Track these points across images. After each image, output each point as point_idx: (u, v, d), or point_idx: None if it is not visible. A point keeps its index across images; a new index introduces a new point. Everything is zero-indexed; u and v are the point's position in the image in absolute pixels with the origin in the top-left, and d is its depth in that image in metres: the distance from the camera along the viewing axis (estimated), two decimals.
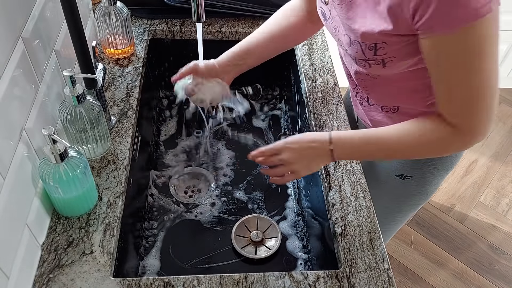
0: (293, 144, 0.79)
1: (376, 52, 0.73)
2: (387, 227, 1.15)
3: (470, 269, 1.81)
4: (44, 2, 0.81)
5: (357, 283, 0.76)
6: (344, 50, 0.81)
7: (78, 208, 0.79)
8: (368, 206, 0.86)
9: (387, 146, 0.77)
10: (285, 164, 0.79)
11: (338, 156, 0.78)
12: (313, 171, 0.81)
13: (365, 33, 0.72)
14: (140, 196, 1.00)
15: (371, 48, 0.72)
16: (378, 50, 0.72)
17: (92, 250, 0.76)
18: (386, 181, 1.01)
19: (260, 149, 0.81)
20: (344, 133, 0.80)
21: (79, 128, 0.82)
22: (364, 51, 0.74)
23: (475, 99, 0.68)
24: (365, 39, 0.72)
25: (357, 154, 0.81)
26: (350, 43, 0.76)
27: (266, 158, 0.81)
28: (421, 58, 0.71)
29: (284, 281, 0.75)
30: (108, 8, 1.01)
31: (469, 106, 0.68)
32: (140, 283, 0.73)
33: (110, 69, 1.07)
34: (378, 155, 0.83)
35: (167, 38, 1.22)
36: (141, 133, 1.03)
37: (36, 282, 0.72)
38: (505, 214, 2.01)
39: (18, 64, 0.69)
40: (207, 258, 0.99)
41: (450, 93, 0.69)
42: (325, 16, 0.83)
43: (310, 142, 0.78)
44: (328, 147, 0.77)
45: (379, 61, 0.74)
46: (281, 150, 0.79)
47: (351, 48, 0.76)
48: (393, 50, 0.71)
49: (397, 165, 0.98)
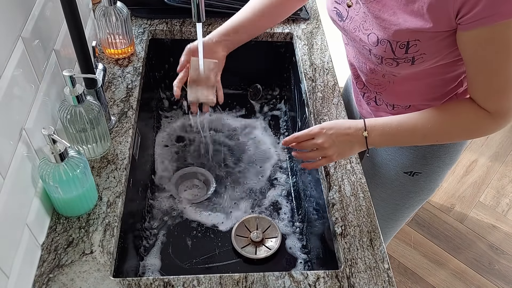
0: (329, 129, 0.79)
1: (408, 50, 0.73)
2: (394, 223, 1.16)
3: (470, 269, 1.81)
4: (44, 2, 0.81)
5: (357, 283, 0.76)
6: (367, 50, 0.80)
7: (78, 208, 0.79)
8: (368, 206, 0.86)
9: (422, 132, 0.77)
10: (319, 148, 0.79)
11: (372, 143, 0.79)
12: (345, 157, 0.83)
13: (398, 31, 0.72)
14: (140, 196, 1.00)
15: (403, 46, 0.73)
16: (410, 48, 0.73)
17: (92, 250, 0.76)
18: (396, 178, 1.02)
19: (295, 134, 0.81)
20: (378, 120, 0.79)
21: (79, 128, 0.82)
22: (394, 50, 0.74)
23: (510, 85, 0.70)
24: (398, 37, 0.73)
25: (391, 141, 0.82)
26: (378, 42, 0.76)
27: (301, 143, 0.81)
28: (448, 53, 0.73)
29: (284, 281, 0.75)
30: (108, 8, 1.01)
31: (505, 92, 0.71)
32: (140, 283, 0.73)
33: (110, 69, 1.07)
34: (412, 141, 0.83)
35: (167, 38, 1.22)
36: (141, 133, 1.02)
37: (36, 282, 0.72)
38: (505, 214, 2.01)
39: (18, 64, 0.69)
40: (207, 258, 0.99)
41: (488, 81, 0.71)
42: (342, 17, 0.83)
43: (346, 128, 0.78)
44: (362, 134, 0.78)
45: (409, 59, 0.75)
46: (316, 135, 0.79)
47: (379, 47, 0.76)
48: (425, 47, 0.72)
49: (405, 162, 0.98)
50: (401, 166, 0.99)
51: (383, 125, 0.78)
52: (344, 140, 0.78)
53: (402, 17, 0.71)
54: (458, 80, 0.84)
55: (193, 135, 1.24)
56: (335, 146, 0.78)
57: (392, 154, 1.00)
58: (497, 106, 0.73)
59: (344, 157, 0.82)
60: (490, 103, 0.73)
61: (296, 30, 1.23)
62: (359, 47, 0.83)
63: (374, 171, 1.05)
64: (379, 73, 0.85)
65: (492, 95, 0.73)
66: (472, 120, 0.76)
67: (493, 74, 0.70)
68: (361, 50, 0.83)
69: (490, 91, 0.72)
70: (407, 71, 0.79)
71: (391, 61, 0.76)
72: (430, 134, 0.78)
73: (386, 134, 0.78)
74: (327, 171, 0.91)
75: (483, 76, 0.71)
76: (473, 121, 0.76)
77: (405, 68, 0.77)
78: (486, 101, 0.73)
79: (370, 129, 0.78)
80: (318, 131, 0.79)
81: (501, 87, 0.71)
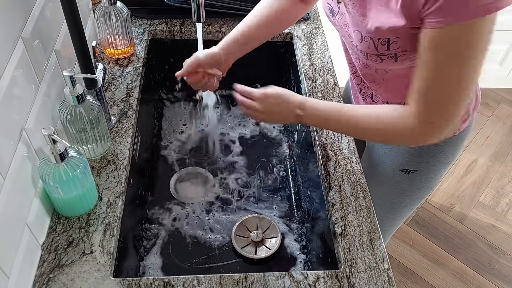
0: (270, 98, 0.84)
1: (389, 47, 0.74)
2: (392, 222, 1.16)
3: (469, 268, 1.81)
4: (44, 2, 0.81)
5: (357, 283, 0.76)
6: (354, 46, 0.82)
7: (78, 208, 0.79)
8: (368, 206, 0.86)
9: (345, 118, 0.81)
10: (255, 110, 0.85)
11: (305, 122, 0.85)
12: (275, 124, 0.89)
13: (378, 29, 0.73)
14: (140, 196, 1.00)
15: (384, 43, 0.74)
16: (391, 44, 0.73)
17: (92, 250, 0.76)
18: (392, 176, 1.02)
19: (244, 88, 0.86)
20: (317, 103, 0.83)
21: (79, 128, 0.82)
22: (376, 46, 0.75)
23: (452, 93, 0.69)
24: (378, 35, 0.74)
25: (322, 125, 0.88)
26: (362, 38, 0.77)
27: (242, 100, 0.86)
28: None
29: (284, 281, 0.75)
30: (108, 8, 1.01)
31: (443, 98, 0.70)
32: (140, 283, 0.73)
33: (110, 69, 1.07)
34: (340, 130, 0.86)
35: (167, 38, 1.22)
36: (141, 133, 1.03)
37: (36, 282, 0.72)
38: (505, 214, 2.01)
39: (18, 64, 0.69)
40: (207, 258, 0.99)
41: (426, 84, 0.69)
42: (333, 12, 0.85)
43: (286, 102, 0.83)
44: (298, 112, 0.83)
45: (392, 55, 0.75)
46: (257, 99, 0.84)
47: (363, 43, 0.78)
48: (406, 44, 0.72)
49: (401, 160, 0.98)
50: (397, 163, 1.00)
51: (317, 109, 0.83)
52: (279, 111, 0.84)
53: (382, 14, 0.72)
54: None
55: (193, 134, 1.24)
56: (268, 113, 0.85)
57: (389, 151, 1.01)
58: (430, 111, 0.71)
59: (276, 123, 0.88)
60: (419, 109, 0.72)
61: (296, 30, 1.24)
62: (348, 43, 0.85)
63: (371, 169, 1.05)
64: (372, 68, 0.85)
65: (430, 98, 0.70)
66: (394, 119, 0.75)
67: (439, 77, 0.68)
68: (351, 46, 0.85)
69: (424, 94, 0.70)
70: (394, 67, 0.79)
71: (375, 57, 0.78)
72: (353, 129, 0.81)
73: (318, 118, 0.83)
74: (327, 171, 0.91)
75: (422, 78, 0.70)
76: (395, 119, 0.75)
77: (389, 64, 0.78)
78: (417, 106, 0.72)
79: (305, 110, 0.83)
80: (259, 97, 0.84)
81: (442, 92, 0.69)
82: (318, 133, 0.98)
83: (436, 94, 0.70)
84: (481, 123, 2.38)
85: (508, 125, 2.39)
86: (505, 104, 2.50)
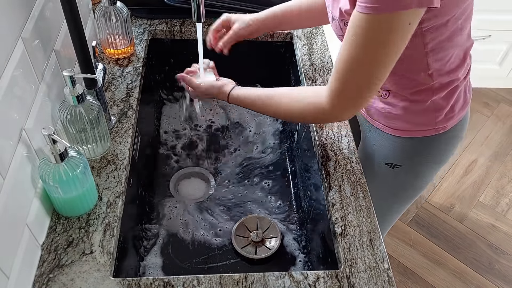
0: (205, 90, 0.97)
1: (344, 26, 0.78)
2: (383, 218, 1.16)
3: (469, 268, 1.81)
4: (44, 2, 0.81)
5: (357, 283, 0.76)
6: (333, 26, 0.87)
7: (78, 208, 0.79)
8: (368, 206, 0.86)
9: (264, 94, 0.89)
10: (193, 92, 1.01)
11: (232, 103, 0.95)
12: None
13: (339, 11, 0.78)
14: (140, 195, 1.00)
15: (346, 24, 0.76)
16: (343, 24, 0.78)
17: (92, 250, 0.76)
18: (378, 170, 1.02)
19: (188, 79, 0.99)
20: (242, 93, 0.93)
21: (79, 128, 0.82)
22: (341, 27, 0.80)
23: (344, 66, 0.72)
24: (341, 16, 0.78)
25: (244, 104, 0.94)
26: (332, 19, 0.83)
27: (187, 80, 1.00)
28: None
29: (284, 281, 0.75)
30: (108, 8, 1.01)
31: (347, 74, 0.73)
32: (140, 283, 0.73)
33: (110, 69, 1.07)
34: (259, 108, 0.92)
35: (167, 38, 1.22)
36: (141, 133, 1.03)
37: (36, 282, 0.72)
38: (505, 213, 2.01)
39: (18, 64, 0.69)
40: (207, 258, 0.99)
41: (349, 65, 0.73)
42: None
43: (216, 94, 0.96)
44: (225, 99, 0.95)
45: None
46: (194, 88, 0.98)
47: (333, 24, 0.84)
48: None
49: (387, 153, 0.99)
50: (383, 156, 1.00)
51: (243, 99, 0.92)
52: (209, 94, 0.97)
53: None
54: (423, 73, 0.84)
55: (193, 134, 1.24)
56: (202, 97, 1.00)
57: (377, 143, 1.00)
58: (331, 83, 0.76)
59: None
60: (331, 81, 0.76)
61: (296, 30, 1.23)
62: None
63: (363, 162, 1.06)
64: None
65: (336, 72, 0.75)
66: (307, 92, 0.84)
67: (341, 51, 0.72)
68: None
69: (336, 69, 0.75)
70: None
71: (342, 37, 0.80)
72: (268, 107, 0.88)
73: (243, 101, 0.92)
74: (327, 171, 0.91)
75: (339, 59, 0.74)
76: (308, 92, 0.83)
77: None
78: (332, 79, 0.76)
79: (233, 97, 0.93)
80: (197, 88, 0.98)
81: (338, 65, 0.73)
82: (318, 133, 0.98)
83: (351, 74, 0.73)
84: (481, 123, 2.38)
85: (508, 125, 2.39)
86: (505, 104, 2.50)
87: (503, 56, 2.37)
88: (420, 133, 0.93)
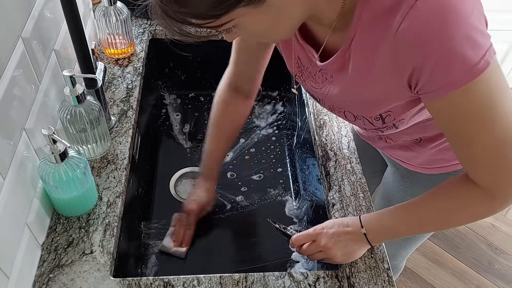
0: (330, 228, 0.77)
1: (384, 120, 0.71)
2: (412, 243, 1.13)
3: (469, 268, 1.81)
4: (44, 2, 0.81)
5: (357, 283, 0.76)
6: (350, 122, 0.80)
7: (78, 208, 0.79)
8: (368, 206, 0.86)
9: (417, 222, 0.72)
10: (323, 249, 0.76)
11: (373, 239, 0.74)
12: (353, 258, 0.77)
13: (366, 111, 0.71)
14: (140, 196, 1.00)
15: (378, 119, 0.71)
16: (385, 118, 0.71)
17: (92, 250, 0.76)
18: None
19: (298, 238, 0.80)
20: (373, 214, 0.76)
21: (79, 128, 0.82)
22: (372, 123, 0.73)
23: (498, 154, 0.60)
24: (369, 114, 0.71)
25: (391, 233, 0.76)
26: (355, 118, 0.74)
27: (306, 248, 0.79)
28: None
29: (284, 281, 0.75)
30: (108, 8, 1.01)
31: (492, 163, 0.61)
32: (140, 283, 0.73)
33: (110, 69, 1.07)
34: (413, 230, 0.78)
35: (167, 38, 1.22)
36: (141, 133, 1.03)
37: (36, 282, 0.72)
38: (505, 214, 2.01)
39: (18, 64, 0.69)
40: (207, 258, 0.99)
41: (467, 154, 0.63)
42: (316, 99, 0.81)
43: (345, 226, 0.76)
44: (360, 231, 0.74)
45: (391, 126, 0.73)
46: (317, 236, 0.77)
47: (357, 122, 0.75)
48: (400, 114, 0.69)
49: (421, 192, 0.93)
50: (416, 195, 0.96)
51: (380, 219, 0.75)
52: (346, 239, 0.75)
53: None
54: None
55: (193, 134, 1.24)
56: (338, 246, 0.75)
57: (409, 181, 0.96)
58: (487, 181, 0.63)
59: (351, 259, 0.77)
60: (479, 178, 0.64)
61: None
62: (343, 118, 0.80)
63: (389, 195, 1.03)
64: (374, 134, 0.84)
65: (480, 168, 0.63)
66: (466, 202, 0.67)
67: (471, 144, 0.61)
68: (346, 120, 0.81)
69: (474, 164, 0.63)
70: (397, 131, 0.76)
71: (375, 130, 0.75)
72: (425, 223, 0.73)
73: (383, 226, 0.74)
74: (327, 171, 0.91)
75: (461, 147, 0.63)
76: (467, 202, 0.67)
77: (391, 131, 0.75)
78: (474, 175, 0.64)
79: (367, 225, 0.74)
80: (319, 232, 0.77)
81: (487, 157, 0.61)
82: (318, 133, 0.98)
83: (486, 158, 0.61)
84: None
85: None
86: None
87: (503, 56, 2.37)
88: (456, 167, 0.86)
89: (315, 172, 0.96)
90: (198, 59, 1.28)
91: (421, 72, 0.56)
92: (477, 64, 0.53)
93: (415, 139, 0.84)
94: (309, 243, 0.78)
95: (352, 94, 0.69)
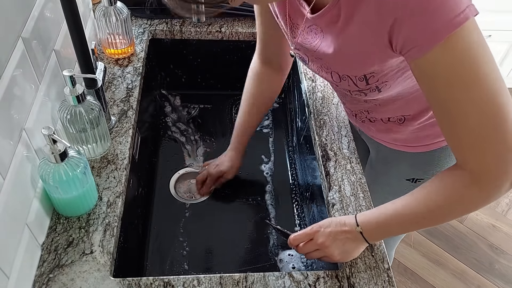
0: (327, 227, 0.77)
1: (368, 81, 0.72)
2: None
3: (470, 268, 1.81)
4: (44, 2, 0.81)
5: (357, 283, 0.76)
6: (335, 85, 0.80)
7: (78, 208, 0.79)
8: (368, 206, 0.86)
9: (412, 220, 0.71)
10: (320, 248, 0.77)
11: (370, 237, 0.74)
12: (351, 256, 0.77)
13: None
14: (140, 195, 1.00)
15: (362, 79, 0.72)
16: (369, 79, 0.71)
17: (92, 250, 0.76)
18: (397, 185, 1.00)
19: (295, 237, 0.80)
20: (369, 212, 0.76)
21: (79, 128, 0.82)
22: (356, 83, 0.73)
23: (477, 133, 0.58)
24: (353, 73, 0.72)
25: (387, 232, 0.75)
26: (340, 78, 0.75)
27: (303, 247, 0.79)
28: None
29: (284, 281, 0.75)
30: (108, 8, 1.01)
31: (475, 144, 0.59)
32: (140, 283, 0.73)
33: (110, 69, 1.07)
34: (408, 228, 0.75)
35: (167, 38, 1.22)
36: (141, 133, 1.03)
37: (36, 282, 0.72)
38: (505, 214, 2.01)
39: (18, 64, 0.69)
40: (207, 258, 0.99)
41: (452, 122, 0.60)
42: (305, 61, 0.81)
43: (342, 225, 0.76)
44: (356, 229, 0.74)
45: (374, 89, 0.74)
46: (314, 234, 0.77)
47: (342, 82, 0.75)
48: (383, 77, 0.70)
49: (407, 170, 0.97)
50: (403, 174, 0.98)
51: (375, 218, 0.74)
52: (343, 237, 0.75)
53: None
54: None
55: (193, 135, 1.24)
56: (335, 244, 0.75)
57: (393, 162, 0.99)
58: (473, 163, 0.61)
59: (349, 257, 0.77)
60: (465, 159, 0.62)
61: None
62: (330, 82, 0.82)
63: (377, 179, 1.04)
64: (360, 100, 0.83)
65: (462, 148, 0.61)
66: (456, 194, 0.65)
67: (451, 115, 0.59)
68: (332, 85, 0.84)
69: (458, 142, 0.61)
70: (381, 96, 0.77)
71: (359, 92, 0.76)
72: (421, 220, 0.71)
73: (379, 225, 0.74)
74: (327, 171, 0.91)
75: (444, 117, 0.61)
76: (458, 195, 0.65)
77: (375, 95, 0.76)
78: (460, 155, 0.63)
79: (363, 224, 0.74)
80: (316, 230, 0.77)
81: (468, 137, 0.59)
82: (318, 133, 0.98)
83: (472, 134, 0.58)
84: None
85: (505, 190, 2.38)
86: None
87: (503, 56, 2.37)
88: (440, 144, 0.89)
89: (315, 172, 0.96)
90: (198, 59, 1.28)
91: (402, 24, 0.56)
92: (457, 16, 0.53)
93: (399, 120, 0.86)
94: (306, 241, 0.78)
95: (340, 51, 0.70)
